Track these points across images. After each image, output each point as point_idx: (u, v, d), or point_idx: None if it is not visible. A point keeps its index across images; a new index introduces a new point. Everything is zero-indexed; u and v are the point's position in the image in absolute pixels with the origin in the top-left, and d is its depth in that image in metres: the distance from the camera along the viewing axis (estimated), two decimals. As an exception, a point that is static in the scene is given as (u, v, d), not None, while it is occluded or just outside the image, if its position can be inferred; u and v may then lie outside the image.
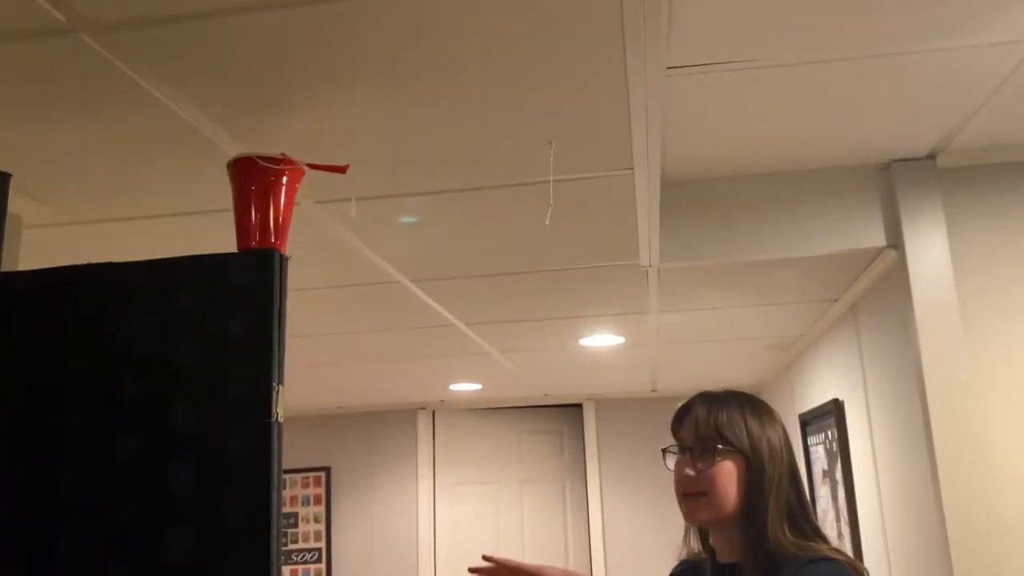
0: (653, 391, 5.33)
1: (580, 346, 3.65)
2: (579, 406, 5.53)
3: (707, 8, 1.45)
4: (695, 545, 1.53)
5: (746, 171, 2.29)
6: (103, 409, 1.32)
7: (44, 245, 1.98)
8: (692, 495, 1.39)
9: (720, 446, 1.38)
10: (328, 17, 1.18)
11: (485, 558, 1.51)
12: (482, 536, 5.40)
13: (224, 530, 1.24)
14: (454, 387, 4.86)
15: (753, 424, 1.41)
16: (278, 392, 1.28)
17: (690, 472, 1.39)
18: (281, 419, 1.29)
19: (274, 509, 1.24)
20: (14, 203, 1.71)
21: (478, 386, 4.86)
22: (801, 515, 1.38)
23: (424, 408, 5.57)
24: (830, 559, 1.31)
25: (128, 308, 1.34)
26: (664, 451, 1.50)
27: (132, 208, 1.81)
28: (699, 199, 2.32)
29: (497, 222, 2.00)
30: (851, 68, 1.69)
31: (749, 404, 1.44)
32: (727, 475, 1.38)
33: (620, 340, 3.54)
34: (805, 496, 1.42)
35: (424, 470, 5.48)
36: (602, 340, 3.53)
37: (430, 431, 5.57)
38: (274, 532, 1.23)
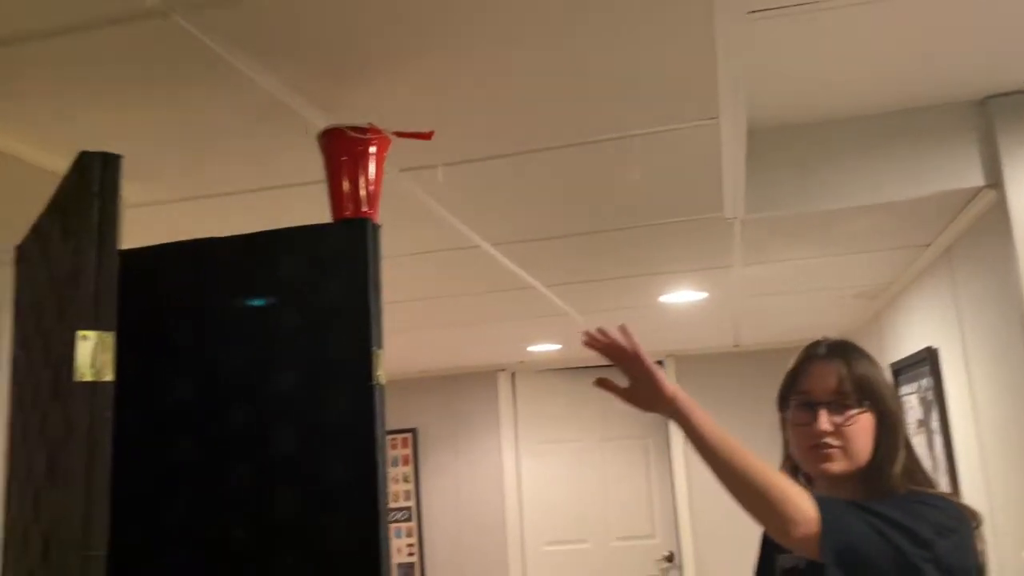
0: (735, 346, 5.26)
1: (660, 303, 3.63)
2: (660, 363, 5.50)
3: (792, -54, 1.40)
4: None
5: (831, 116, 2.22)
6: (211, 378, 1.38)
7: (143, 223, 2.06)
8: (824, 447, 1.37)
9: (865, 400, 1.37)
10: (410, -17, 1.19)
11: (598, 330, 1.44)
12: (566, 493, 5.47)
13: (331, 490, 1.29)
14: (533, 348, 4.89)
15: (882, 377, 1.41)
16: (377, 356, 1.32)
17: (826, 427, 1.36)
18: (382, 381, 1.32)
19: (380, 469, 1.28)
20: (116, 185, 1.78)
21: (557, 346, 4.88)
22: (916, 464, 1.38)
23: (504, 369, 5.64)
24: (943, 496, 1.32)
25: (230, 281, 1.40)
26: (783, 400, 1.47)
27: (225, 183, 1.87)
28: (782, 147, 2.26)
29: (578, 180, 1.99)
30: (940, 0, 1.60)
31: (867, 355, 1.43)
32: (864, 429, 1.37)
33: (702, 295, 3.50)
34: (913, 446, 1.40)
35: (506, 430, 5.56)
36: (683, 296, 3.49)
37: (511, 392, 5.63)
38: (381, 491, 1.28)
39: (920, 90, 2.07)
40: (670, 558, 5.29)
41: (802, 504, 1.23)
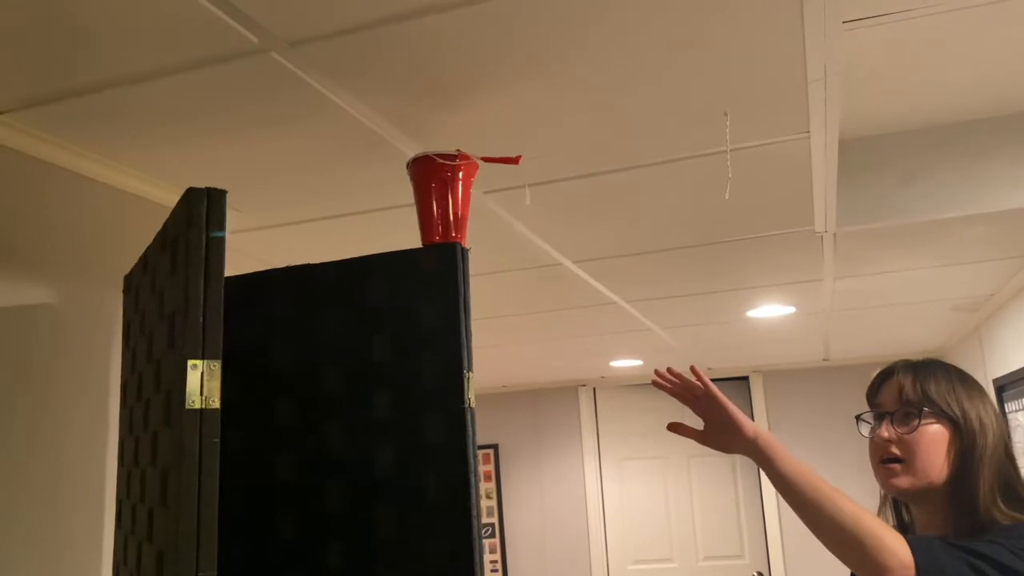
0: (825, 360, 5.11)
1: (747, 318, 3.55)
2: (745, 379, 5.39)
3: (886, -45, 1.36)
4: (889, 519, 1.47)
5: (929, 123, 2.14)
6: (310, 401, 1.42)
7: (242, 250, 2.14)
8: (890, 461, 1.34)
9: (926, 408, 1.32)
10: (494, 14, 1.20)
11: (670, 372, 1.44)
12: (652, 510, 5.39)
13: (428, 510, 1.30)
14: (615, 363, 4.86)
15: (962, 393, 1.35)
16: (468, 379, 1.33)
17: (889, 436, 1.34)
18: (473, 404, 1.34)
19: (473, 489, 1.29)
20: (214, 213, 1.86)
21: (638, 362, 4.83)
22: (1020, 490, 1.30)
23: (584, 385, 5.61)
24: None
25: (325, 305, 1.44)
26: (858, 418, 1.45)
27: (319, 210, 1.92)
28: (877, 157, 2.19)
29: (665, 197, 1.98)
30: (1052, 1, 1.53)
31: (957, 374, 1.38)
32: (932, 441, 1.31)
33: (790, 310, 3.41)
34: (1020, 471, 1.33)
35: (588, 445, 5.53)
36: (771, 311, 3.41)
37: (592, 407, 5.60)
38: (474, 510, 1.29)
39: (1021, 96, 1.98)
40: (760, 579, 5.15)
41: (897, 549, 1.17)
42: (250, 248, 2.14)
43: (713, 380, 5.44)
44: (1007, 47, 1.71)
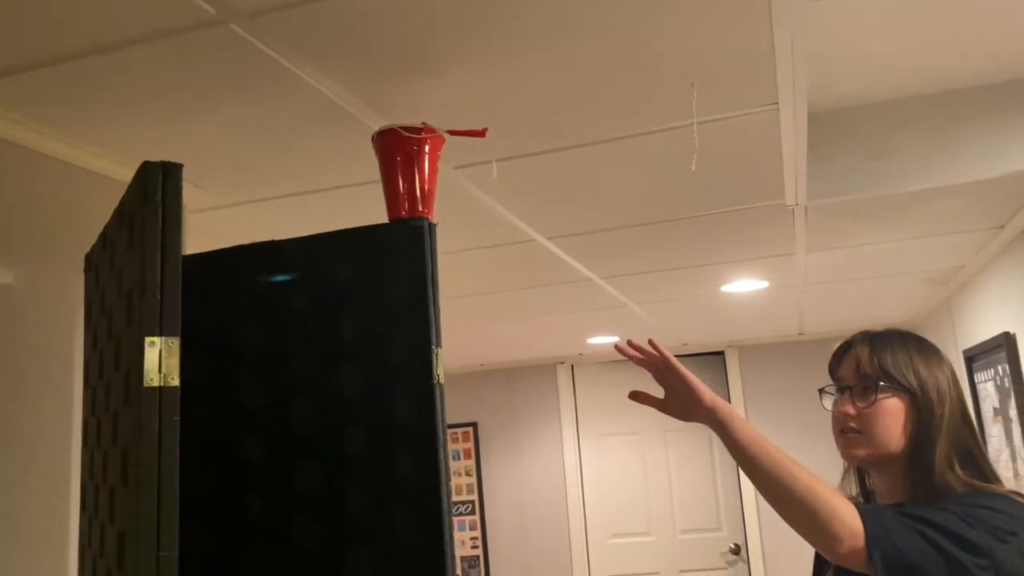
0: (800, 334, 5.15)
1: (721, 293, 3.57)
2: (721, 353, 5.42)
3: (853, -77, 1.35)
4: (852, 488, 1.49)
5: (898, 95, 2.14)
6: (277, 380, 1.40)
7: (205, 228, 2.11)
8: (849, 432, 1.36)
9: (882, 383, 1.34)
10: (460, -20, 1.18)
11: (637, 343, 1.46)
12: (629, 485, 5.44)
13: (398, 487, 1.30)
14: (592, 340, 4.87)
15: (919, 363, 1.36)
16: (437, 354, 1.32)
17: (849, 410, 1.36)
18: (442, 380, 1.33)
19: (442, 465, 1.28)
20: (179, 191, 1.83)
21: (615, 338, 4.85)
22: (977, 457, 1.32)
23: (563, 362, 5.63)
24: (1004, 495, 1.25)
25: (291, 283, 1.42)
26: (821, 391, 1.47)
27: (284, 187, 1.89)
28: (847, 129, 2.19)
29: (636, 172, 1.97)
30: (1020, -30, 1.53)
31: (915, 342, 1.39)
32: (889, 414, 1.34)
33: (764, 284, 3.43)
34: (978, 437, 1.35)
35: (567, 422, 5.55)
36: (745, 285, 3.43)
37: (570, 384, 5.62)
38: (444, 486, 1.28)
39: (992, 66, 1.99)
40: (736, 551, 5.22)
41: (848, 518, 1.19)
42: (216, 227, 2.11)
43: (689, 355, 5.47)
44: (976, 18, 1.71)
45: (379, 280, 1.35)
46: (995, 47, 1.88)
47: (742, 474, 5.18)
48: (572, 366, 5.64)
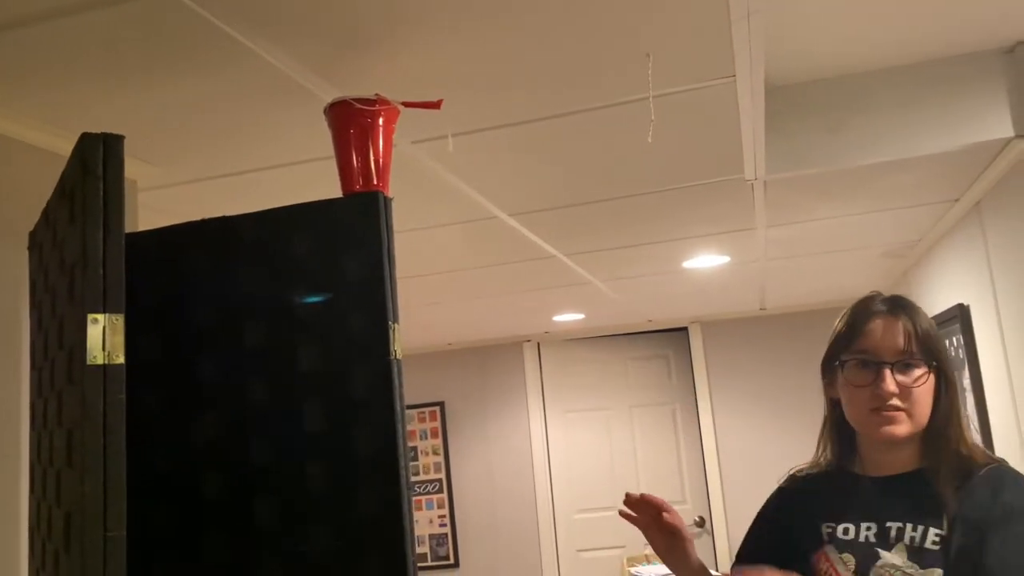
0: (762, 309, 5.21)
1: (683, 269, 3.59)
2: (684, 329, 5.47)
3: None
4: (829, 457, 1.43)
5: (854, 70, 2.15)
6: (232, 357, 1.38)
7: (159, 206, 2.06)
8: (890, 410, 1.29)
9: (934, 362, 1.30)
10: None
11: (628, 497, 1.49)
12: (595, 461, 5.48)
13: (357, 463, 1.29)
14: (557, 318, 4.88)
15: (938, 332, 1.34)
16: (394, 330, 1.31)
17: (892, 387, 1.28)
18: (399, 356, 1.32)
19: (400, 440, 1.28)
20: (128, 167, 1.78)
21: (580, 316, 4.86)
22: (967, 426, 1.35)
23: (529, 340, 5.64)
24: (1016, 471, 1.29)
25: (245, 259, 1.39)
26: (833, 362, 1.37)
27: (239, 163, 1.86)
28: (805, 104, 2.21)
29: (593, 146, 1.96)
30: (972, -58, 1.54)
31: (923, 312, 1.36)
32: (928, 391, 1.30)
33: (725, 260, 3.45)
34: None
35: (534, 400, 5.57)
36: (706, 261, 3.45)
37: (536, 362, 5.64)
38: (402, 461, 1.28)
39: (947, 39, 2.01)
40: (700, 523, 5.30)
41: None
42: (169, 205, 2.07)
43: (652, 332, 5.51)
44: (929, -10, 1.72)
45: (334, 255, 1.33)
46: (949, 21, 1.90)
47: (705, 448, 5.26)
48: (538, 344, 5.66)
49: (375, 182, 1.37)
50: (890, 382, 1.29)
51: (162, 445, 1.41)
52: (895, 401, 1.29)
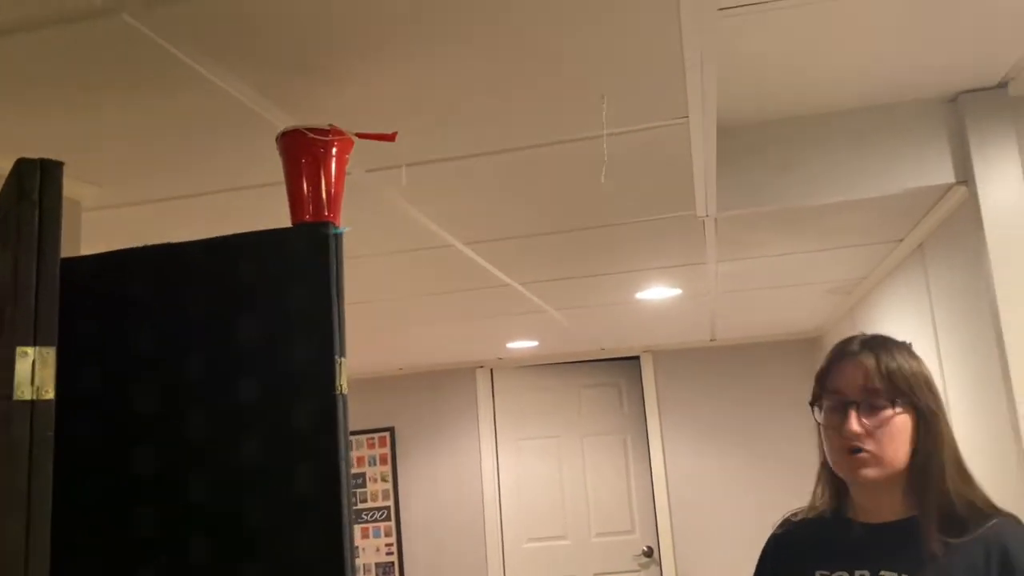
0: (712, 340, 5.27)
1: (636, 300, 3.61)
2: (636, 358, 5.50)
3: (761, -57, 1.37)
4: (826, 493, 1.39)
5: (804, 112, 2.21)
6: (171, 388, 1.34)
7: (104, 228, 2.01)
8: (857, 451, 1.26)
9: (897, 400, 1.26)
10: (368, -19, 1.15)
11: None
12: (546, 490, 5.46)
13: (297, 501, 1.26)
14: (511, 345, 4.87)
15: (918, 371, 1.30)
16: (340, 364, 1.29)
17: (856, 428, 1.25)
18: (345, 391, 1.29)
19: (343, 478, 1.25)
20: (72, 188, 1.73)
21: (534, 343, 4.86)
22: (967, 466, 1.29)
23: (482, 367, 5.61)
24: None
25: (189, 287, 1.36)
26: (813, 404, 1.34)
27: (187, 186, 1.82)
28: (756, 144, 2.25)
29: (548, 180, 1.97)
30: (916, -4, 1.59)
31: (906, 348, 1.33)
32: (900, 431, 1.26)
33: (677, 292, 3.49)
34: None
35: (485, 427, 5.54)
36: (658, 293, 3.48)
37: (489, 389, 5.61)
38: (344, 500, 1.25)
39: (893, 86, 2.07)
40: (649, 553, 5.30)
41: None
42: (114, 227, 2.02)
43: (605, 360, 5.53)
44: (884, 37, 1.77)
45: (281, 286, 1.30)
46: (897, 68, 1.96)
47: (655, 478, 5.27)
48: (491, 370, 5.64)
49: (326, 213, 1.35)
50: (853, 422, 1.26)
51: (97, 479, 1.36)
52: (861, 443, 1.26)
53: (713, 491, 5.17)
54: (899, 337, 3.13)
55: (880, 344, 1.32)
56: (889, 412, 1.26)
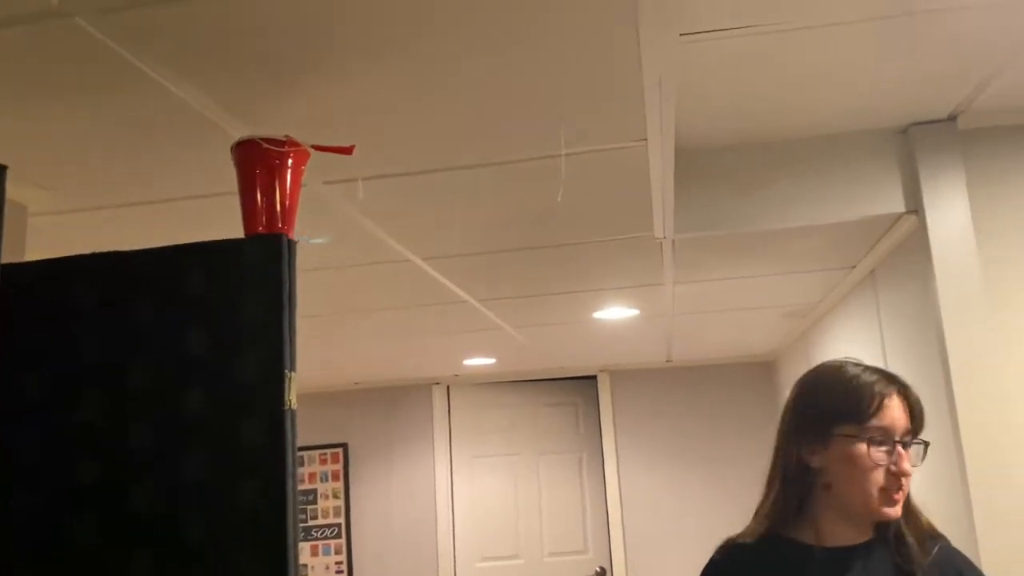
0: (668, 361, 5.30)
1: (594, 319, 3.63)
2: (594, 378, 5.51)
3: (720, -29, 1.40)
4: (772, 524, 1.36)
5: (762, 138, 2.24)
6: (116, 399, 1.31)
7: (51, 233, 1.96)
8: (898, 490, 1.28)
9: (928, 442, 1.31)
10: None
11: None
12: (501, 508, 5.43)
13: (241, 517, 1.23)
14: (468, 362, 4.85)
15: None
16: (290, 379, 1.26)
17: (910, 470, 1.28)
18: (294, 406, 1.27)
19: (289, 496, 1.22)
20: (19, 192, 1.69)
21: (492, 360, 4.84)
22: None
23: (439, 383, 5.58)
24: None
25: (136, 296, 1.33)
26: (850, 436, 1.29)
27: (138, 193, 1.78)
28: (715, 168, 2.28)
29: (507, 198, 1.97)
30: (868, 29, 1.63)
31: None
32: None
33: (634, 312, 3.51)
34: None
35: (440, 444, 5.50)
36: (616, 313, 3.50)
37: (445, 406, 5.58)
38: (290, 518, 1.22)
39: (848, 115, 2.11)
40: (602, 573, 5.29)
41: None
42: (62, 231, 1.97)
43: (562, 379, 5.54)
44: (839, 68, 1.81)
45: (232, 298, 1.28)
46: (852, 99, 2.00)
47: (609, 498, 5.28)
48: (448, 387, 5.60)
49: (279, 224, 1.33)
50: (907, 463, 1.28)
51: (34, 492, 1.31)
52: (905, 482, 1.28)
53: (667, 511, 5.19)
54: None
55: (906, 382, 1.34)
56: (923, 451, 1.31)
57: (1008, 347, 2.07)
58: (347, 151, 1.41)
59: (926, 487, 2.39)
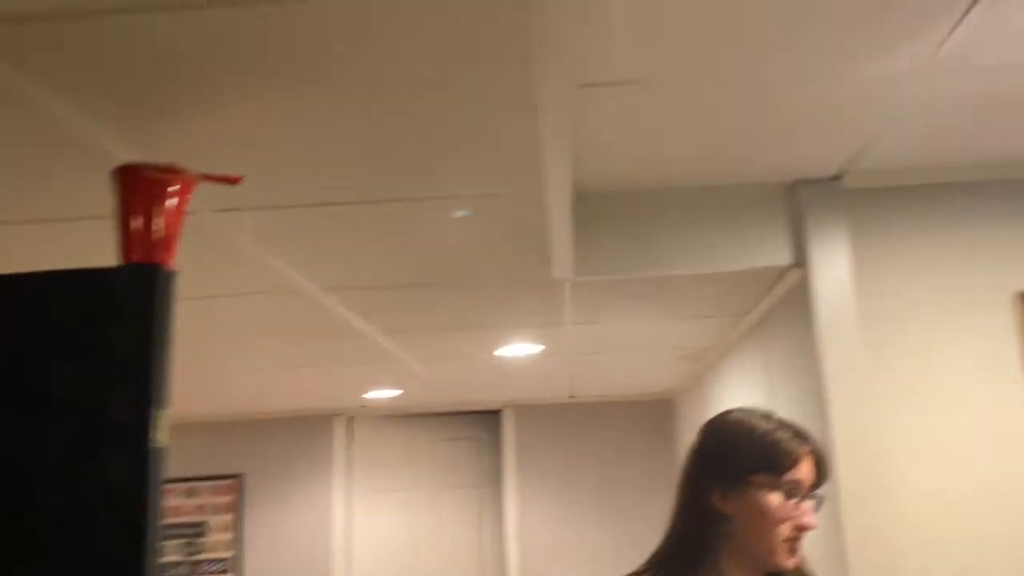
0: (571, 397, 5.35)
1: (495, 356, 3.63)
2: (498, 412, 5.50)
3: (618, 28, 1.43)
4: (673, 569, 1.35)
5: (660, 185, 2.30)
6: (-34, 433, 1.22)
7: (-84, 248, 1.84)
8: (798, 542, 1.31)
9: (824, 496, 1.35)
10: (226, 23, 1.12)
11: None
12: (398, 543, 5.33)
13: (97, 558, 1.16)
14: (372, 394, 4.77)
15: None
16: (159, 416, 1.21)
17: (816, 524, 1.31)
18: (162, 444, 1.21)
19: (148, 536, 1.17)
20: None
21: (396, 392, 4.78)
22: None
23: (340, 415, 5.46)
24: None
25: (-3, 324, 1.25)
26: (762, 484, 1.31)
27: (8, 212, 1.69)
28: (615, 213, 2.32)
29: (402, 234, 1.96)
30: (758, 89, 1.70)
31: None
32: None
33: (537, 349, 3.53)
34: None
35: (339, 477, 5.37)
36: (519, 349, 3.51)
37: (346, 438, 5.46)
38: (147, 560, 1.16)
39: (739, 169, 2.19)
40: (498, 611, 5.24)
41: None
42: (-73, 248, 1.85)
43: (467, 413, 5.51)
44: (732, 123, 1.88)
45: (99, 330, 1.22)
46: (744, 152, 2.08)
47: (507, 534, 5.25)
48: (351, 418, 5.49)
49: (158, 254, 1.28)
50: (813, 517, 1.32)
51: None
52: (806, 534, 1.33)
53: (567, 546, 5.19)
54: (739, 405, 3.26)
55: (812, 435, 1.38)
56: (817, 504, 1.34)
57: (885, 396, 2.17)
58: (235, 181, 1.38)
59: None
